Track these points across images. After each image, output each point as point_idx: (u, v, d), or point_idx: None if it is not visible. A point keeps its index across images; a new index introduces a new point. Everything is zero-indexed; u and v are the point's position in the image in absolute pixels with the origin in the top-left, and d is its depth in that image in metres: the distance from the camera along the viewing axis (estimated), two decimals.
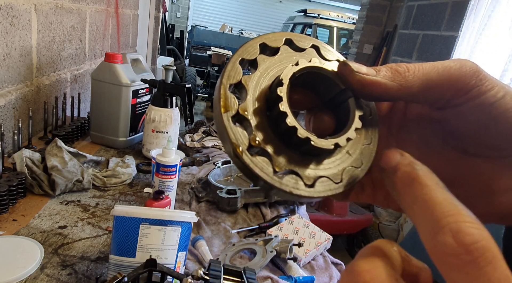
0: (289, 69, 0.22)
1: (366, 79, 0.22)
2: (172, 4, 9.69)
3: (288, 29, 8.28)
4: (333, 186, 0.23)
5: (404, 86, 0.22)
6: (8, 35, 1.11)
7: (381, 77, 0.22)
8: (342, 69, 0.23)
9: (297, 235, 1.04)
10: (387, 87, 0.22)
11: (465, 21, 2.62)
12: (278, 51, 0.24)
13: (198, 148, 1.59)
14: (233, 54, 0.23)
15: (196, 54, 6.87)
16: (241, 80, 0.22)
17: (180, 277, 0.65)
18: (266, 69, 0.23)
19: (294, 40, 0.24)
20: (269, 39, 0.24)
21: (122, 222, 0.67)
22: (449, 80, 0.21)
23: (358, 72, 0.22)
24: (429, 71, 0.22)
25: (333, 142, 0.22)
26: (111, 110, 1.33)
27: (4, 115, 1.14)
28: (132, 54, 1.42)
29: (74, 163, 1.06)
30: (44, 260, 0.74)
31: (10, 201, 0.88)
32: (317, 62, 0.23)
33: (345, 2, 10.34)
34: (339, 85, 0.23)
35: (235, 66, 0.22)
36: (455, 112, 0.23)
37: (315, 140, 0.21)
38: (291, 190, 0.22)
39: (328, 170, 0.23)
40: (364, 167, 0.24)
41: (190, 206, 1.12)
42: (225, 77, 0.22)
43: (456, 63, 0.22)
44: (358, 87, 0.22)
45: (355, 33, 4.15)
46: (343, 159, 0.24)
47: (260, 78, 0.23)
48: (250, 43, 0.23)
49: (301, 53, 0.24)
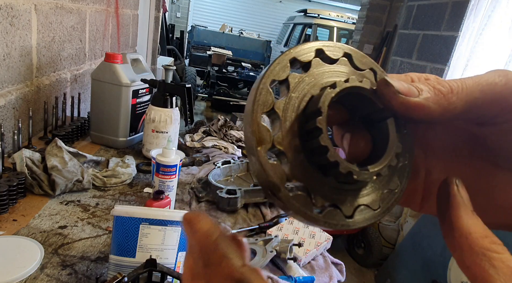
0: (327, 94, 0.20)
1: (410, 102, 0.20)
2: (172, 4, 9.69)
3: (288, 29, 8.28)
4: (372, 214, 0.22)
5: (447, 109, 0.20)
6: (8, 35, 1.11)
7: (424, 99, 0.20)
8: (384, 90, 0.21)
9: (297, 235, 1.04)
10: (430, 110, 0.20)
11: (465, 21, 2.62)
12: (310, 65, 0.22)
13: (198, 148, 1.59)
14: (263, 74, 0.21)
15: (196, 54, 6.88)
16: (273, 107, 0.20)
17: (180, 277, 0.65)
18: (299, 90, 0.21)
19: (325, 50, 0.22)
20: (299, 53, 0.22)
21: (122, 222, 0.67)
22: (493, 99, 0.20)
23: (401, 93, 0.20)
24: (473, 90, 0.20)
25: (374, 173, 0.21)
26: (111, 110, 1.33)
27: (4, 115, 1.14)
28: (132, 54, 1.42)
29: (74, 163, 1.06)
30: (44, 260, 0.74)
31: (10, 201, 0.88)
32: (354, 80, 0.21)
33: (345, 2, 10.33)
34: (377, 104, 0.22)
35: (264, 90, 0.20)
36: (494, 130, 0.22)
37: (356, 173, 0.20)
38: (332, 226, 0.21)
39: (366, 197, 0.22)
40: (401, 188, 0.23)
41: (190, 206, 1.12)
42: (257, 103, 0.20)
43: (501, 78, 0.20)
44: (401, 110, 0.21)
45: (355, 33, 4.14)
46: (380, 184, 0.23)
47: (294, 101, 0.21)
48: (280, 60, 0.21)
49: (334, 65, 0.23)
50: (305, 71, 0.22)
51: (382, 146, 0.22)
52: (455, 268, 1.93)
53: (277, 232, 1.04)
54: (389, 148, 0.22)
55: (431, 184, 0.26)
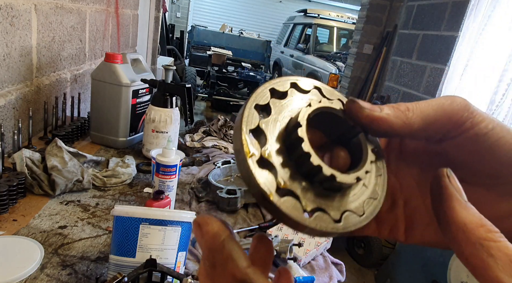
0: (304, 111, 0.23)
1: (374, 115, 0.23)
2: (172, 4, 9.69)
3: (288, 29, 8.28)
4: (358, 219, 0.24)
5: (406, 123, 0.23)
6: (8, 35, 1.11)
7: (386, 114, 0.23)
8: (352, 106, 0.24)
9: (297, 235, 1.04)
10: (392, 123, 0.23)
11: (465, 21, 2.62)
12: (286, 94, 0.25)
13: (198, 148, 1.59)
14: (246, 101, 0.24)
15: (196, 54, 6.87)
16: (258, 125, 0.23)
17: (180, 277, 0.65)
18: (279, 112, 0.25)
19: (298, 83, 0.26)
20: (277, 84, 0.25)
21: (122, 222, 0.67)
22: (444, 115, 0.23)
23: (366, 108, 0.24)
24: (426, 108, 0.24)
25: (355, 176, 0.23)
26: (111, 110, 1.33)
27: (4, 115, 1.14)
28: (132, 54, 1.42)
29: (74, 163, 1.06)
30: (44, 260, 0.74)
31: (10, 201, 0.88)
32: (326, 102, 0.24)
33: (345, 2, 10.34)
34: (348, 122, 0.25)
35: (251, 111, 0.23)
36: (452, 144, 0.25)
37: (339, 176, 0.22)
38: (323, 228, 0.23)
39: (351, 203, 0.25)
40: (380, 197, 0.26)
41: (190, 206, 1.12)
42: (244, 123, 0.23)
43: (447, 100, 0.24)
44: (367, 122, 0.24)
45: (355, 33, 4.14)
46: (361, 191, 0.25)
47: (276, 121, 0.24)
48: (261, 89, 0.25)
49: (306, 94, 0.26)
50: (282, 98, 0.25)
51: (358, 158, 0.25)
52: (455, 268, 1.93)
53: (277, 232, 1.04)
54: (364, 156, 0.25)
55: (411, 212, 0.28)
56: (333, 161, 0.26)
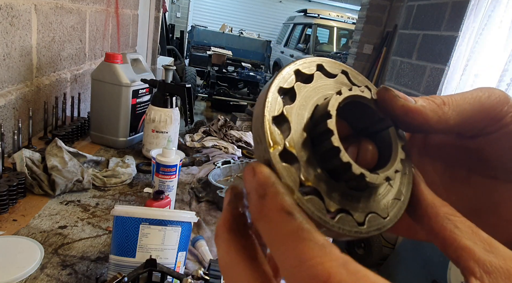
0: (334, 99, 0.21)
1: (409, 106, 0.21)
2: (172, 4, 9.69)
3: (288, 29, 8.28)
4: (381, 222, 0.22)
5: (442, 118, 0.22)
6: (8, 35, 1.12)
7: (421, 105, 0.21)
8: (385, 95, 0.22)
9: None
10: (428, 117, 0.21)
11: (465, 21, 2.62)
12: (312, 78, 0.23)
13: (198, 148, 1.59)
14: (270, 83, 0.21)
15: (196, 54, 6.87)
16: (282, 111, 0.21)
17: (180, 277, 0.65)
18: (305, 98, 0.22)
19: (325, 66, 0.23)
20: (302, 66, 0.23)
21: (122, 222, 0.67)
22: (481, 109, 0.22)
23: (400, 98, 0.22)
24: (462, 103, 0.22)
25: (384, 176, 0.21)
26: (111, 110, 1.33)
27: (4, 115, 1.14)
28: (132, 54, 1.42)
29: (74, 163, 1.06)
30: (44, 260, 0.74)
31: (10, 201, 0.88)
32: (357, 90, 0.22)
33: (345, 2, 10.34)
34: (378, 113, 0.23)
35: (274, 96, 0.21)
36: (488, 139, 0.23)
37: (369, 176, 0.20)
38: (346, 232, 0.21)
39: (376, 205, 0.23)
40: (405, 198, 0.24)
41: (190, 206, 1.12)
42: (267, 109, 0.20)
43: (484, 92, 0.22)
44: (401, 113, 0.22)
45: (355, 33, 4.14)
46: (386, 191, 0.23)
47: (301, 108, 0.22)
48: (286, 71, 0.22)
49: (333, 79, 0.24)
50: (308, 82, 0.23)
51: (386, 154, 0.23)
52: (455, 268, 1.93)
53: None
54: (394, 153, 0.22)
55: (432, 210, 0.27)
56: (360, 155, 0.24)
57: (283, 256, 0.16)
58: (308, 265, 0.15)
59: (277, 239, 0.17)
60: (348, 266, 0.15)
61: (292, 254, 0.16)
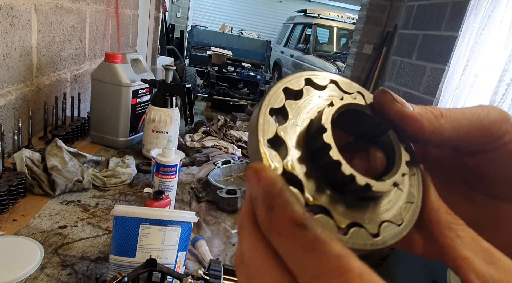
0: (327, 111, 0.20)
1: (406, 112, 0.21)
2: (172, 4, 9.69)
3: (288, 29, 8.28)
4: (397, 230, 0.21)
5: (437, 129, 0.21)
6: (8, 35, 1.11)
7: (418, 113, 0.21)
8: (382, 98, 0.22)
9: None
10: (423, 126, 0.21)
11: (465, 21, 2.62)
12: (302, 93, 0.22)
13: (198, 148, 1.59)
14: (260, 105, 0.21)
15: (196, 54, 6.87)
16: (276, 133, 0.20)
17: (180, 277, 0.65)
18: (297, 115, 0.22)
19: (313, 78, 0.23)
20: (290, 82, 0.22)
21: (122, 222, 0.67)
22: (480, 126, 0.21)
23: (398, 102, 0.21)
24: (460, 117, 0.21)
25: (391, 183, 0.20)
26: (111, 110, 1.33)
27: (4, 115, 1.14)
28: (132, 54, 1.42)
29: (74, 163, 1.06)
30: (44, 260, 0.74)
31: (10, 201, 0.88)
32: (349, 98, 0.22)
33: (345, 2, 10.33)
34: (375, 117, 0.22)
35: (266, 118, 0.20)
36: (487, 158, 0.23)
37: (375, 184, 0.20)
38: (361, 247, 0.20)
39: (387, 213, 0.22)
40: (417, 200, 0.23)
41: (190, 206, 1.12)
42: (260, 132, 0.20)
43: (483, 109, 0.22)
44: (396, 118, 0.21)
45: (355, 33, 4.14)
46: (396, 196, 0.22)
47: (295, 126, 0.21)
48: (274, 91, 0.22)
49: (323, 90, 0.23)
50: (298, 98, 0.22)
51: (389, 158, 0.22)
52: None
53: None
54: (398, 157, 0.21)
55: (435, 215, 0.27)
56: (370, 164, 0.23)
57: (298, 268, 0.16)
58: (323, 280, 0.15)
59: (291, 253, 0.16)
60: (363, 278, 0.15)
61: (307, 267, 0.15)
